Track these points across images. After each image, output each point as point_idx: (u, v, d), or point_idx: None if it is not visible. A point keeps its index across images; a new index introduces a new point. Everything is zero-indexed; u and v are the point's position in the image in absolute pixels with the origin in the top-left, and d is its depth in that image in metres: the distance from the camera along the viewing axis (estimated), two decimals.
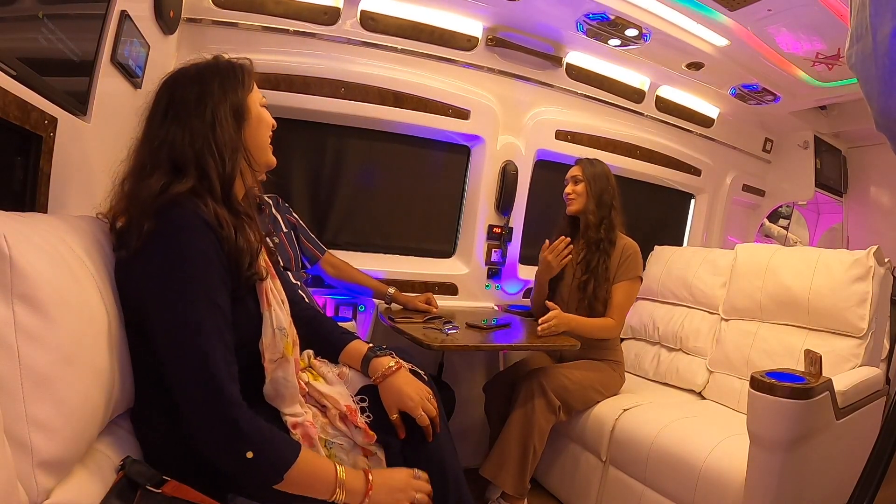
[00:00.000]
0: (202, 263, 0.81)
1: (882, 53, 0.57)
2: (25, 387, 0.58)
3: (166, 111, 0.89)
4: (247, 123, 0.93)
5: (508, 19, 2.04)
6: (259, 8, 1.75)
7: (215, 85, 0.90)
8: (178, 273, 0.79)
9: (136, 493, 0.71)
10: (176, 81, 0.92)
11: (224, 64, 0.94)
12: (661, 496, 1.52)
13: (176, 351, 0.78)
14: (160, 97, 0.91)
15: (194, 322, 0.78)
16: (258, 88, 0.98)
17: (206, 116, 0.88)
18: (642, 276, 1.93)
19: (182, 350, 0.78)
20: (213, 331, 0.79)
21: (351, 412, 1.00)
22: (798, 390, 1.23)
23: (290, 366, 0.93)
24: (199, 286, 0.80)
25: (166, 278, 0.80)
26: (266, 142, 0.99)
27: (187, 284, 0.79)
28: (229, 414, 0.77)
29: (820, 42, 2.06)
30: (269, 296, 0.92)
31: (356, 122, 1.97)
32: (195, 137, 0.87)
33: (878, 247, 1.72)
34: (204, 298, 0.80)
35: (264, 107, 0.98)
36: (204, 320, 0.79)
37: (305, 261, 1.78)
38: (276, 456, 0.80)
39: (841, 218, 3.37)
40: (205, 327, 0.78)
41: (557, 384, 1.71)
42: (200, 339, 0.77)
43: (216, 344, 0.79)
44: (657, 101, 2.55)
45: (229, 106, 0.90)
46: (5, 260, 0.58)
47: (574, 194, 1.91)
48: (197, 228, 0.81)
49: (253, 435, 0.78)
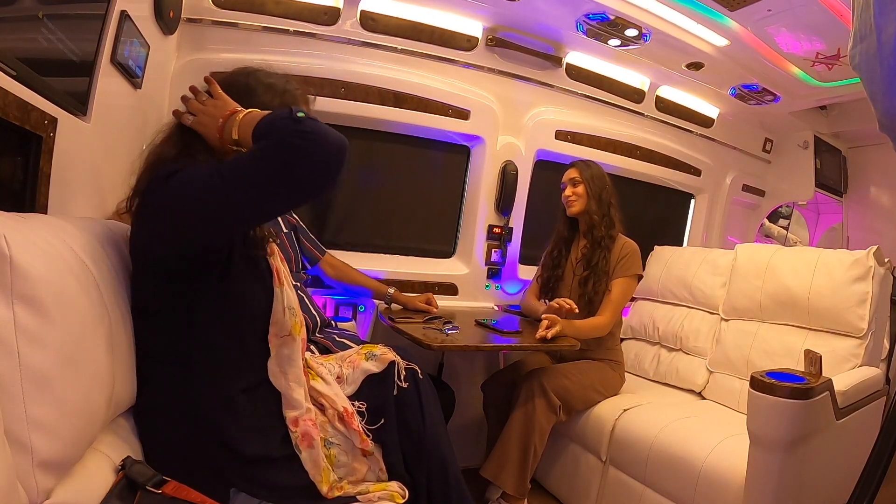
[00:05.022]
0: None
1: (887, 53, 0.57)
2: (25, 387, 0.58)
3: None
4: None
5: (508, 19, 2.04)
6: (259, 8, 1.74)
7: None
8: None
9: (137, 494, 0.71)
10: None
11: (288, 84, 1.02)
12: (661, 496, 1.52)
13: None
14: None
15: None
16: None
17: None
18: (641, 275, 1.93)
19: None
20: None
21: (348, 414, 1.00)
22: (798, 390, 1.23)
23: (296, 344, 0.94)
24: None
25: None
26: None
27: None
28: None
29: (820, 42, 2.06)
30: (280, 275, 0.95)
31: (356, 122, 1.97)
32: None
33: (878, 247, 1.72)
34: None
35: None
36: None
37: (305, 261, 1.78)
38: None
39: (841, 218, 3.37)
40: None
41: (558, 384, 1.71)
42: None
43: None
44: (657, 101, 2.55)
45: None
46: (5, 260, 0.58)
47: (575, 196, 1.92)
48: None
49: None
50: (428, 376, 1.17)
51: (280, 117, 0.79)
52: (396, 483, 1.02)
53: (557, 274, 2.00)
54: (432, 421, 1.10)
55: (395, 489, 1.00)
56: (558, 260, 2.01)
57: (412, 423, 1.08)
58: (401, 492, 1.00)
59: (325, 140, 0.76)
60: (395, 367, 1.11)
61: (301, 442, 0.91)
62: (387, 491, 0.99)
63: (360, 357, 1.14)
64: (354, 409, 1.04)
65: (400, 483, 1.03)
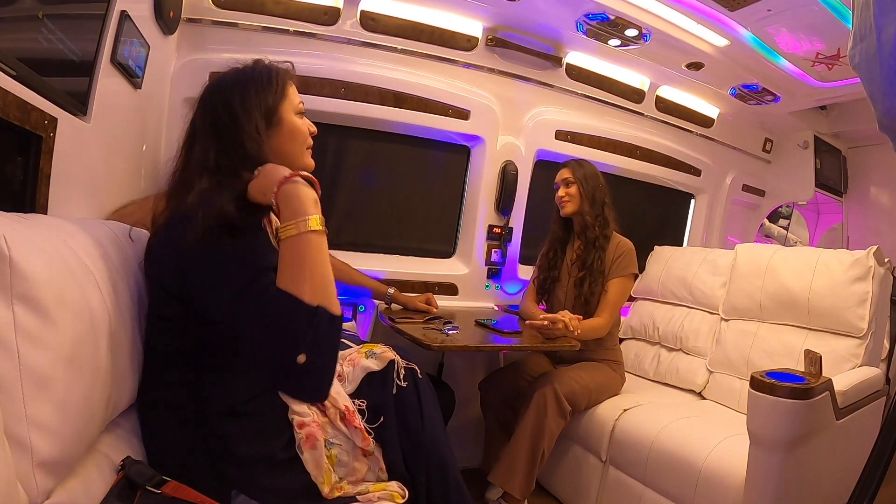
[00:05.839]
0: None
1: (887, 53, 0.57)
2: (25, 387, 0.58)
3: (217, 119, 0.91)
4: (275, 132, 0.94)
5: (508, 19, 2.04)
6: (259, 8, 1.74)
7: (252, 92, 0.91)
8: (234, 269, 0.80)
9: (137, 494, 0.71)
10: (220, 87, 0.94)
11: (260, 70, 0.95)
12: (661, 496, 1.52)
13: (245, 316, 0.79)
14: (207, 104, 0.93)
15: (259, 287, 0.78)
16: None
17: (241, 128, 0.89)
18: (637, 273, 1.92)
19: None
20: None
21: (349, 413, 1.00)
22: (798, 390, 1.23)
23: None
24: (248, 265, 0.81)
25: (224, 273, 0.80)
26: (298, 151, 0.99)
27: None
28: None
29: (820, 42, 2.06)
30: None
31: (356, 122, 1.97)
32: (233, 149, 0.89)
33: (878, 247, 1.72)
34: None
35: (301, 113, 0.99)
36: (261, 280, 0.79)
37: None
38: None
39: (841, 218, 3.37)
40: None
41: (568, 389, 1.71)
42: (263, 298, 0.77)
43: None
44: (657, 101, 2.55)
45: (261, 115, 0.91)
46: (5, 260, 0.58)
47: (568, 196, 1.92)
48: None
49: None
50: (427, 376, 1.17)
51: (301, 321, 0.75)
52: (396, 483, 1.02)
53: (553, 275, 1.99)
54: (431, 421, 1.10)
55: (394, 489, 1.00)
56: (554, 261, 2.01)
57: (411, 423, 1.08)
58: (400, 491, 1.00)
59: (318, 383, 0.77)
60: (394, 366, 1.11)
61: (305, 443, 0.91)
62: (387, 490, 0.99)
63: (360, 355, 1.14)
64: (355, 407, 1.04)
65: (400, 483, 1.03)
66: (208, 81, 0.98)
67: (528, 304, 2.05)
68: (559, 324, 1.62)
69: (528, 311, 2.00)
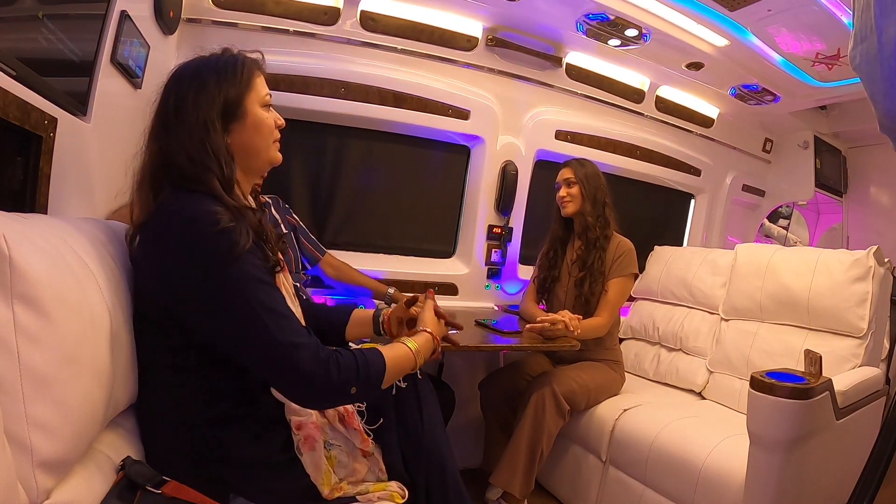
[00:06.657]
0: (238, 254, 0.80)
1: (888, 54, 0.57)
2: (25, 387, 0.58)
3: (167, 114, 0.88)
4: (239, 125, 0.89)
5: (508, 19, 2.04)
6: (259, 8, 1.74)
7: (211, 84, 0.87)
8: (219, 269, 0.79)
9: (136, 494, 0.71)
10: (177, 80, 0.90)
11: (226, 60, 0.90)
12: (661, 496, 1.52)
13: (245, 335, 0.80)
14: (164, 97, 0.90)
15: (254, 300, 0.79)
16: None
17: (198, 119, 0.85)
18: (637, 273, 1.92)
19: (250, 332, 0.79)
20: (268, 301, 0.80)
21: (348, 414, 1.00)
22: (798, 390, 1.23)
23: None
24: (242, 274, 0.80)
25: (208, 275, 0.79)
26: (264, 144, 0.93)
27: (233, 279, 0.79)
28: (317, 371, 0.80)
29: (820, 42, 2.06)
30: (283, 287, 0.92)
31: (356, 122, 1.97)
32: (193, 145, 0.85)
33: (878, 247, 1.72)
34: (251, 278, 0.80)
35: (268, 105, 0.93)
36: (258, 295, 0.80)
37: (305, 262, 1.78)
38: (373, 376, 0.88)
39: (841, 218, 3.37)
40: (261, 301, 0.79)
41: (566, 388, 1.71)
42: (263, 315, 0.79)
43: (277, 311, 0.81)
44: (657, 102, 2.55)
45: (221, 107, 0.87)
46: (5, 260, 0.58)
47: (569, 197, 1.91)
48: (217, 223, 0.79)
49: (349, 373, 0.83)
50: (427, 377, 1.17)
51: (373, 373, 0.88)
52: (396, 483, 1.02)
53: (553, 275, 1.99)
54: (430, 422, 1.10)
55: (394, 489, 1.00)
56: (554, 261, 2.01)
57: (410, 424, 1.08)
58: (400, 492, 1.00)
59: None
60: None
61: (303, 445, 0.91)
62: (386, 491, 0.98)
63: None
64: (354, 408, 1.04)
65: (399, 483, 1.02)
66: (172, 70, 0.92)
67: (528, 303, 2.05)
68: (559, 324, 1.62)
69: (528, 311, 2.00)
